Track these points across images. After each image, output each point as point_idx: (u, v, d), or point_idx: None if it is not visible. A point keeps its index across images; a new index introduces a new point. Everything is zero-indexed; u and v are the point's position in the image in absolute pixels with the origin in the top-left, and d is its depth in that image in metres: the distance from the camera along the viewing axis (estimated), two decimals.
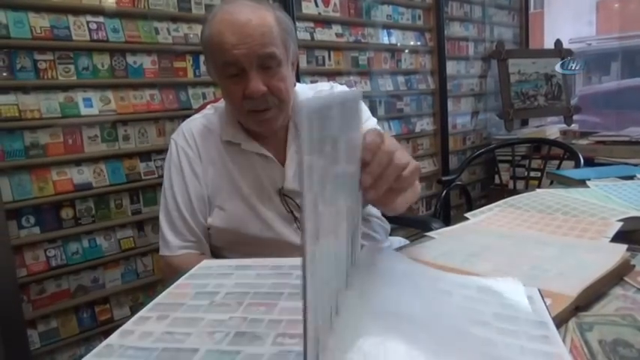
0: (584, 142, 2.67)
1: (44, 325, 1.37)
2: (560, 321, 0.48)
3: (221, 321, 0.46)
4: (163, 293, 0.55)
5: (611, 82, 4.13)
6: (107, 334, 0.48)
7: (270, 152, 0.96)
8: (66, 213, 1.42)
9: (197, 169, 0.97)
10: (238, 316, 0.47)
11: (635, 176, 1.15)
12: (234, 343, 0.42)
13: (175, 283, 0.57)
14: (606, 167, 1.40)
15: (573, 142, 2.64)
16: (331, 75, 2.16)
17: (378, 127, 1.05)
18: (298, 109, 0.53)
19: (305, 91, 1.04)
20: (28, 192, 1.34)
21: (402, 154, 0.58)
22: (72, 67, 1.41)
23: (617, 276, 0.59)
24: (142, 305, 0.52)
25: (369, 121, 1.04)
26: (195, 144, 0.98)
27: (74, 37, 1.40)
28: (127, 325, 0.48)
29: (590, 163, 2.22)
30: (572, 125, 3.11)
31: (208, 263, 0.63)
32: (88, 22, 1.43)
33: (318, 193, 0.35)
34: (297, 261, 0.60)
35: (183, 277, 0.59)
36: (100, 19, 1.45)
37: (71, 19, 1.40)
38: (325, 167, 0.37)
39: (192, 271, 0.61)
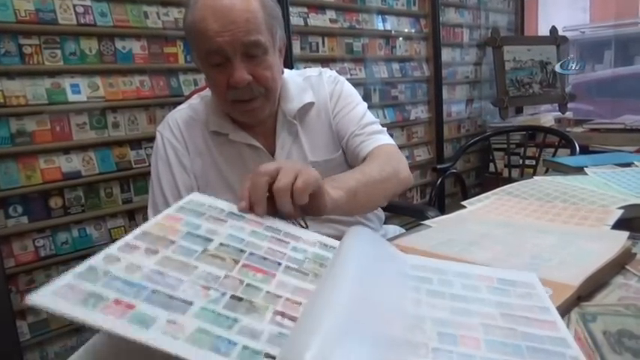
0: (578, 129, 2.67)
1: (34, 317, 1.35)
2: (563, 311, 0.47)
3: (216, 277, 0.44)
4: (152, 222, 0.51)
5: (606, 69, 4.12)
6: None
7: (258, 142, 0.94)
8: (55, 202, 1.39)
9: (184, 160, 0.94)
10: (234, 277, 0.45)
11: (632, 163, 1.14)
12: (230, 308, 0.40)
13: (164, 213, 0.54)
14: (603, 155, 1.40)
15: (568, 129, 2.64)
16: (325, 61, 2.12)
17: (368, 113, 1.02)
18: None
19: (293, 77, 1.01)
20: (15, 180, 1.31)
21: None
22: (58, 52, 1.36)
23: (618, 264, 0.58)
24: None
25: (358, 107, 1.01)
26: (181, 135, 0.95)
27: (60, 21, 1.36)
28: (112, 250, 0.44)
29: (584, 150, 2.21)
30: (567, 113, 3.10)
31: (199, 199, 0.59)
32: (74, 6, 1.38)
33: None
34: (290, 228, 0.58)
35: (173, 208, 0.55)
36: (87, 2, 1.41)
37: (57, 2, 1.35)
38: None
39: (181, 204, 0.57)
